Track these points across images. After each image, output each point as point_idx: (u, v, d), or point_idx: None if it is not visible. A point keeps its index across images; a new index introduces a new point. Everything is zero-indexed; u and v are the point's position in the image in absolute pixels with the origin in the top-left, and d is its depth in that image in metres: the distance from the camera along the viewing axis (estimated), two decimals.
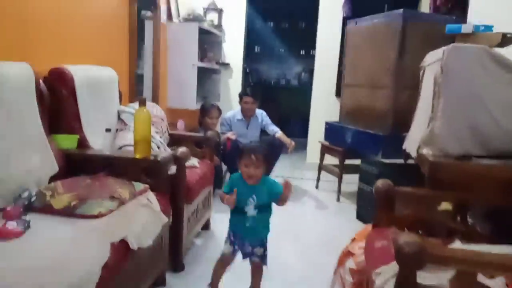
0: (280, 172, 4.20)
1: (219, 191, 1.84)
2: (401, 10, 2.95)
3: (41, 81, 1.87)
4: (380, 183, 1.59)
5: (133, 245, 1.46)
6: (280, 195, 1.72)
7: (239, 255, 1.82)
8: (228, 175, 3.72)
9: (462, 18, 3.13)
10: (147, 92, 3.41)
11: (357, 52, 3.47)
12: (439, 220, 1.62)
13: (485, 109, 1.67)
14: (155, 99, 3.41)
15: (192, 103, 3.81)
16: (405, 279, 1.01)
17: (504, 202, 1.54)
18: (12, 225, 1.36)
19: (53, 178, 1.78)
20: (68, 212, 1.52)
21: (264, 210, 1.75)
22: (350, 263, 1.98)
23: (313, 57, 4.85)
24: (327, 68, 4.64)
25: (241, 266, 1.86)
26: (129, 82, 2.97)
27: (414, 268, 0.99)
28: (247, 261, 1.82)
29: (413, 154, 1.85)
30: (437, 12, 3.72)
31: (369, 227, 1.85)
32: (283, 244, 2.54)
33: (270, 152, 3.54)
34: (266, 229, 1.80)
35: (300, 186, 4.00)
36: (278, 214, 3.09)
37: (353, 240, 2.11)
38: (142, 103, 1.89)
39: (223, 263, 1.82)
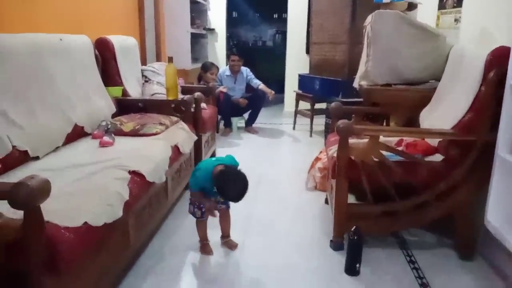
0: (263, 120, 5.08)
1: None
2: None
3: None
4: (333, 104, 2.49)
5: (183, 148, 2.33)
6: None
7: None
8: (222, 122, 4.55)
9: None
10: (151, 55, 4.14)
11: (321, 16, 4.30)
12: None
13: (398, 54, 2.55)
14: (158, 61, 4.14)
15: (188, 64, 4.57)
16: (342, 142, 1.91)
17: (408, 112, 2.49)
18: (107, 138, 2.19)
19: (112, 117, 2.59)
20: (135, 133, 2.35)
21: None
22: (319, 164, 2.94)
23: (285, 20, 5.64)
24: (298, 29, 5.47)
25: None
26: (141, 47, 3.70)
27: (346, 136, 1.89)
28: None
29: (357, 86, 2.75)
30: None
31: None
32: (270, 168, 3.44)
33: (255, 102, 4.44)
34: None
35: (279, 129, 4.91)
36: (263, 148, 4.06)
37: (320, 152, 3.06)
38: (170, 60, 2.69)
39: (200, 222, 2.04)
